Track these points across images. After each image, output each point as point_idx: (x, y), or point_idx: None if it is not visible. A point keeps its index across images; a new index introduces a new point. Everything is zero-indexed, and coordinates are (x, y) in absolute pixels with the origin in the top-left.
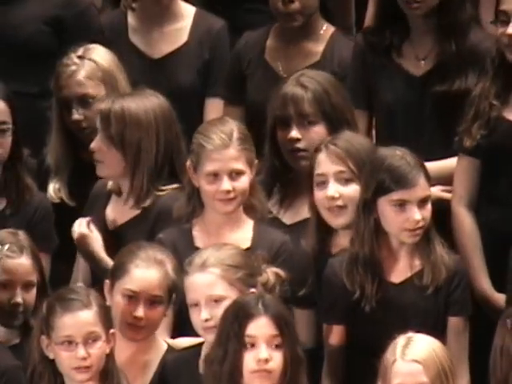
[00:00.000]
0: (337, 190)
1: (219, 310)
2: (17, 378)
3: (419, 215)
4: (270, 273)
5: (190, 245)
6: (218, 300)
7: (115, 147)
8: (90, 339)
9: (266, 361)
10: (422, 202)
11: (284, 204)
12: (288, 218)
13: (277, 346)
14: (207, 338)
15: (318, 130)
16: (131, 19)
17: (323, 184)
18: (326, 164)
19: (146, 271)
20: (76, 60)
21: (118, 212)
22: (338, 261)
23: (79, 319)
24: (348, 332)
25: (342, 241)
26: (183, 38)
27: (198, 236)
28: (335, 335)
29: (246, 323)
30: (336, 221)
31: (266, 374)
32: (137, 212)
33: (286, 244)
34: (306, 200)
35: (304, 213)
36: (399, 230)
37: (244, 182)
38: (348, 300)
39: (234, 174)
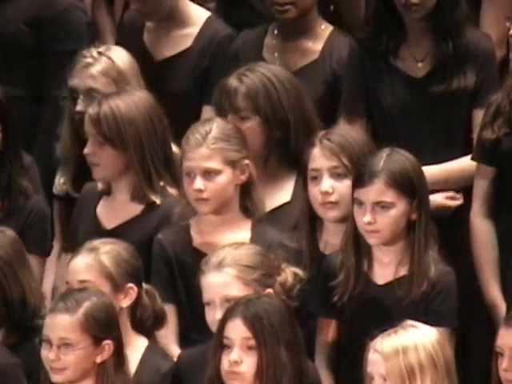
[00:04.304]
0: (331, 186)
1: None
2: (16, 375)
3: (368, 217)
4: (289, 272)
5: (188, 245)
6: (232, 300)
7: (113, 147)
8: (62, 344)
9: (236, 363)
10: (378, 206)
11: None
12: None
13: (251, 349)
14: None
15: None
16: None
17: (317, 179)
18: (320, 159)
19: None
20: (95, 54)
21: (114, 212)
22: (336, 254)
23: (55, 322)
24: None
25: (330, 237)
26: (187, 43)
27: (196, 236)
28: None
29: (225, 324)
30: (328, 214)
31: (236, 376)
32: (138, 212)
33: (284, 244)
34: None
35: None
36: (360, 229)
37: (219, 182)
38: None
39: (208, 174)
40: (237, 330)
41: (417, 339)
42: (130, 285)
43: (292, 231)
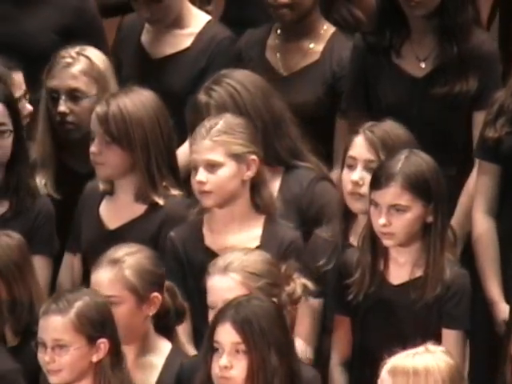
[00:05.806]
0: (362, 177)
1: None
2: (16, 382)
3: (383, 220)
4: (299, 284)
5: (200, 243)
6: None
7: (120, 147)
8: (56, 345)
9: (226, 368)
10: (393, 209)
11: None
12: None
13: (241, 353)
14: None
15: None
16: None
17: (352, 167)
18: (358, 148)
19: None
20: (73, 54)
21: (117, 212)
22: (353, 250)
23: (48, 324)
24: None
25: (359, 229)
26: (186, 43)
27: (208, 234)
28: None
29: (215, 328)
30: (355, 205)
31: (227, 381)
32: (141, 212)
33: (295, 242)
34: None
35: None
36: (375, 230)
37: (221, 174)
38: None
39: (210, 166)
40: (226, 335)
41: (430, 371)
42: (155, 294)
43: None
